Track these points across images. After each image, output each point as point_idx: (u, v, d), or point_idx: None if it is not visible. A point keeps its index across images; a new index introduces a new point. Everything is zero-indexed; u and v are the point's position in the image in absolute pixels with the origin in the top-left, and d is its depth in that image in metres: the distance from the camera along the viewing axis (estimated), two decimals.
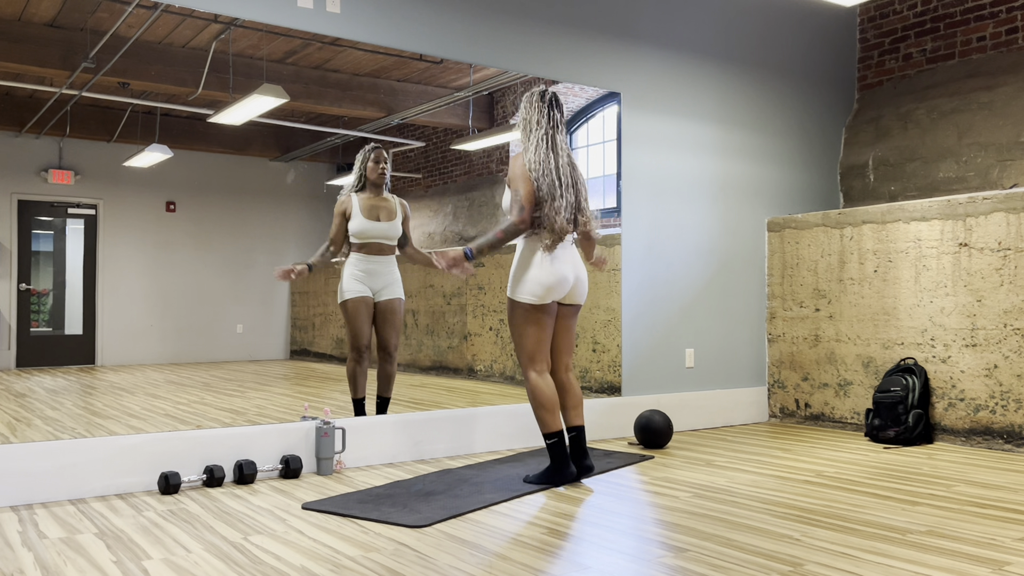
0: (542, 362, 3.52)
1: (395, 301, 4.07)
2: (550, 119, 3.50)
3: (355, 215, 3.95)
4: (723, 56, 5.31)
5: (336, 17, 3.96)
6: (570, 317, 3.64)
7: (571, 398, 3.65)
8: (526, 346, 3.50)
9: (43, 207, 3.43)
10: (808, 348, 5.24)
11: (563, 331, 3.64)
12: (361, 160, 4.02)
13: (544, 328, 3.51)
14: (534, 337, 3.49)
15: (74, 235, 3.49)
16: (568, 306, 3.62)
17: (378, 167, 4.01)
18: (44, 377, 3.44)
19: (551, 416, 3.46)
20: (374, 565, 2.41)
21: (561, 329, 3.63)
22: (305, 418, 3.83)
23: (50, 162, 3.40)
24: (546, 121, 3.50)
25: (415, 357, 4.25)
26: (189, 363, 3.70)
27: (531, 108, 3.53)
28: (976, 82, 5.29)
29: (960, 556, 2.49)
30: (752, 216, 5.44)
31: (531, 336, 3.49)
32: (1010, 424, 4.31)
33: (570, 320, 3.65)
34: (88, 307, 3.51)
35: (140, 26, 3.48)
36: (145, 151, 3.56)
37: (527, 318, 3.49)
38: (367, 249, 3.98)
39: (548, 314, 3.52)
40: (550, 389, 3.49)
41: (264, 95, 3.77)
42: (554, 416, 3.46)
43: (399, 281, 4.08)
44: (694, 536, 2.71)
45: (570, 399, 3.65)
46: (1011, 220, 4.32)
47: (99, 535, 2.73)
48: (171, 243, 3.66)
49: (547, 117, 3.50)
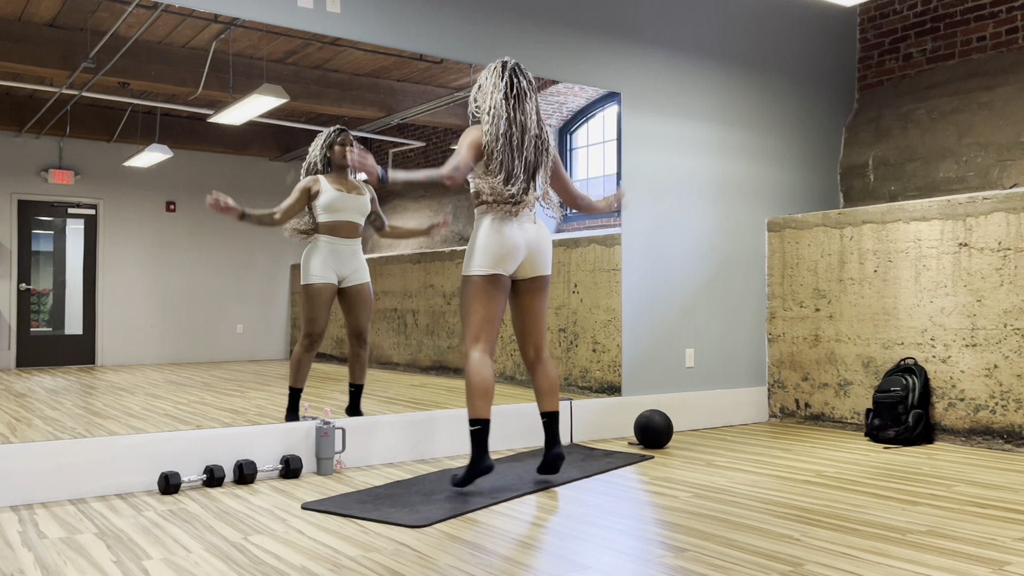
0: (486, 342, 3.32)
1: (365, 286, 3.97)
2: (510, 85, 3.35)
3: (324, 190, 3.82)
4: (723, 56, 5.31)
5: (336, 17, 3.96)
6: (534, 294, 3.46)
7: (546, 382, 3.50)
8: (470, 323, 3.32)
9: (43, 207, 3.43)
10: (808, 348, 5.24)
11: (529, 310, 3.47)
12: (325, 142, 3.87)
13: (493, 304, 3.32)
14: (479, 313, 3.31)
15: (74, 235, 3.49)
16: (528, 281, 3.45)
17: (343, 150, 3.88)
18: (44, 377, 3.44)
19: (479, 402, 3.24)
20: (374, 565, 2.41)
21: (526, 308, 3.47)
22: (305, 418, 3.83)
23: (50, 162, 3.40)
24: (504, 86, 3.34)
25: (415, 357, 4.25)
26: (189, 363, 3.70)
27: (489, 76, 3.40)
28: (976, 82, 5.29)
29: (960, 556, 2.49)
30: (752, 216, 5.44)
31: (476, 312, 3.31)
32: (1010, 424, 4.31)
33: (535, 297, 3.46)
34: (88, 307, 3.51)
35: (140, 26, 3.48)
36: (145, 151, 3.56)
37: (475, 292, 3.32)
38: (337, 231, 3.86)
39: (498, 288, 3.33)
40: (484, 373, 3.27)
41: (264, 95, 3.77)
42: (482, 403, 3.24)
43: (366, 266, 3.99)
44: (694, 536, 2.71)
45: (545, 383, 3.50)
46: (1011, 220, 4.32)
47: (99, 535, 2.73)
48: (171, 243, 3.66)
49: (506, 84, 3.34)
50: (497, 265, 3.32)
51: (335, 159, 3.89)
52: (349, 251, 3.92)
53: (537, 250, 3.41)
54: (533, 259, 3.42)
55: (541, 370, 3.53)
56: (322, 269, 3.86)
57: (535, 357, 3.54)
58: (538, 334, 3.52)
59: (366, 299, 3.99)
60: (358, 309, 3.98)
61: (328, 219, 3.86)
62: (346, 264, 3.91)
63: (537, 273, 3.46)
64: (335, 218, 3.87)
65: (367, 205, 3.96)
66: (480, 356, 3.30)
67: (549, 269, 3.49)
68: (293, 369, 3.84)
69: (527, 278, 3.47)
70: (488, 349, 3.32)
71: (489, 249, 3.31)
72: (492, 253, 3.31)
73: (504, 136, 3.31)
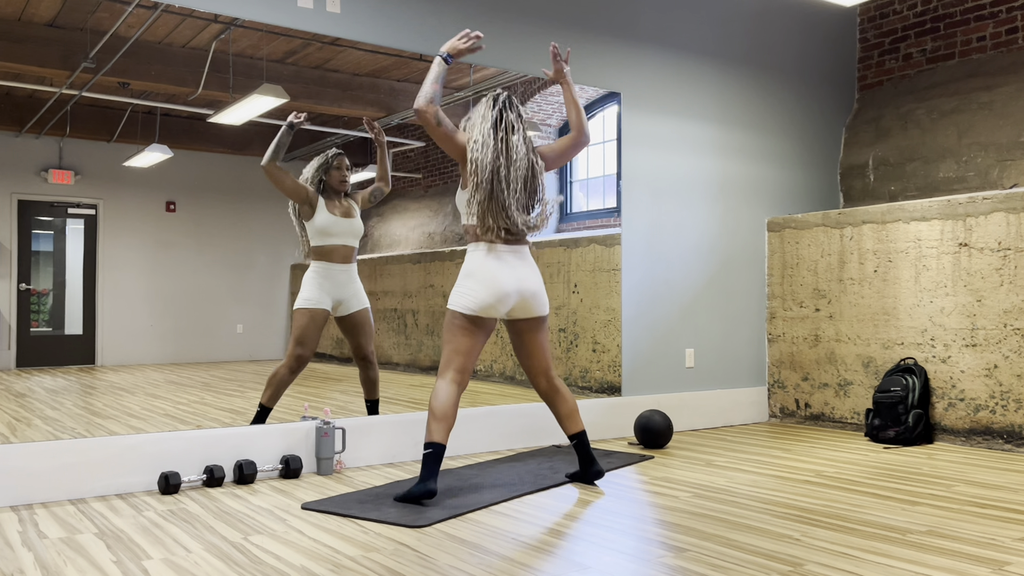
0: (457, 372, 3.27)
1: (364, 311, 3.97)
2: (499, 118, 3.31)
3: (320, 210, 3.82)
4: (723, 56, 5.31)
5: (336, 17, 3.96)
6: (532, 332, 3.44)
7: (565, 405, 3.49)
8: (445, 352, 3.30)
9: (43, 207, 3.43)
10: (808, 348, 5.24)
11: (532, 347, 3.45)
12: (321, 165, 3.87)
13: (472, 340, 3.30)
14: (458, 347, 3.29)
15: (74, 235, 3.49)
16: (524, 321, 3.43)
17: (340, 174, 3.89)
18: (44, 377, 3.44)
19: (437, 425, 3.18)
20: (374, 565, 2.41)
21: (528, 345, 3.45)
22: (305, 418, 3.83)
23: (50, 162, 3.40)
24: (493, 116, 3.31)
25: (415, 357, 4.25)
26: (189, 363, 3.70)
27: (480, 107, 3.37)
28: (976, 82, 5.29)
29: (960, 556, 2.49)
30: (752, 216, 5.44)
31: (456, 345, 3.28)
32: (1010, 424, 4.31)
33: (534, 335, 3.44)
34: (88, 307, 3.51)
35: (140, 26, 3.48)
36: (145, 151, 3.56)
37: (456, 326, 3.28)
38: (331, 256, 3.86)
39: (480, 327, 3.31)
40: (445, 400, 3.22)
41: (264, 95, 3.77)
42: (437, 427, 3.19)
43: (363, 291, 3.98)
44: (694, 536, 2.71)
45: (564, 407, 3.49)
46: (1011, 220, 4.32)
47: (99, 535, 2.73)
48: (171, 243, 3.66)
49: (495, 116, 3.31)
50: (483, 311, 3.28)
51: (330, 183, 3.88)
52: (345, 276, 3.91)
53: (529, 295, 3.35)
54: (526, 303, 3.37)
55: (558, 397, 3.50)
56: (317, 294, 3.85)
57: (548, 386, 3.50)
58: (545, 363, 3.48)
59: (366, 325, 4.00)
60: (359, 335, 3.99)
61: (321, 243, 3.86)
62: (342, 289, 3.90)
63: (532, 315, 3.41)
64: (329, 242, 3.87)
65: (360, 228, 3.96)
66: (445, 384, 3.26)
67: (546, 309, 3.43)
68: (271, 387, 3.77)
69: (522, 319, 3.42)
70: (457, 379, 3.28)
71: (476, 295, 3.26)
72: (479, 299, 3.26)
73: (491, 165, 3.26)
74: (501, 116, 3.34)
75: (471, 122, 3.39)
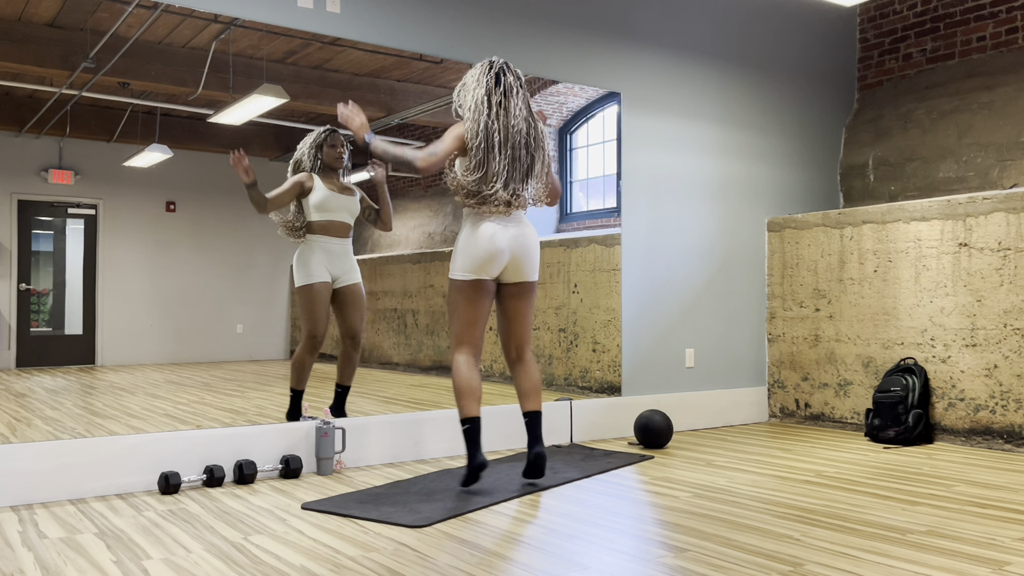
0: (470, 345, 3.32)
1: (357, 286, 3.95)
2: (495, 82, 3.28)
3: (317, 188, 3.80)
4: (723, 56, 5.31)
5: (336, 17, 3.96)
6: (519, 298, 3.41)
7: (527, 382, 3.45)
8: (454, 326, 3.32)
9: (43, 207, 3.43)
10: (808, 348, 5.24)
11: (514, 313, 3.42)
12: (314, 143, 3.84)
13: (476, 308, 3.30)
14: (463, 317, 3.30)
15: (74, 235, 3.49)
16: (512, 285, 3.40)
17: (335, 151, 3.87)
18: (44, 377, 3.44)
19: (465, 402, 3.25)
20: (374, 565, 2.41)
21: (510, 311, 3.43)
22: (305, 418, 3.83)
23: (50, 162, 3.40)
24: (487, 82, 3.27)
25: (415, 357, 4.25)
26: (189, 363, 3.70)
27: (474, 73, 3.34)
28: (976, 82, 5.29)
29: (960, 556, 2.49)
30: (752, 216, 5.44)
31: (461, 315, 3.31)
32: (1010, 424, 4.31)
33: (520, 301, 3.42)
34: (88, 307, 3.51)
35: (140, 26, 3.48)
36: (145, 151, 3.56)
37: (458, 296, 3.31)
38: (329, 231, 3.85)
39: (481, 292, 3.30)
40: (469, 374, 3.27)
41: (264, 95, 3.77)
42: (468, 402, 3.25)
43: (357, 266, 3.97)
44: (694, 536, 2.71)
45: (527, 383, 3.45)
46: (1011, 220, 4.32)
47: (99, 535, 2.73)
48: (171, 243, 3.66)
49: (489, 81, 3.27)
50: (479, 271, 3.28)
51: (326, 160, 3.87)
52: (342, 251, 3.90)
53: (521, 254, 3.34)
54: (517, 263, 3.35)
55: (523, 370, 3.48)
56: (318, 269, 3.84)
57: (516, 357, 3.49)
58: (521, 336, 3.46)
59: (359, 299, 3.97)
60: (351, 310, 3.96)
61: (320, 218, 3.85)
62: (339, 264, 3.90)
63: (522, 279, 3.39)
64: (327, 217, 3.86)
65: (357, 206, 3.94)
66: (464, 359, 3.30)
67: (535, 275, 3.42)
68: (296, 371, 3.82)
69: (511, 283, 3.41)
70: (472, 352, 3.31)
71: (470, 253, 3.27)
72: (473, 257, 3.27)
73: (484, 132, 3.23)
74: (497, 80, 3.30)
75: (465, 87, 3.35)
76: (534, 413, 3.43)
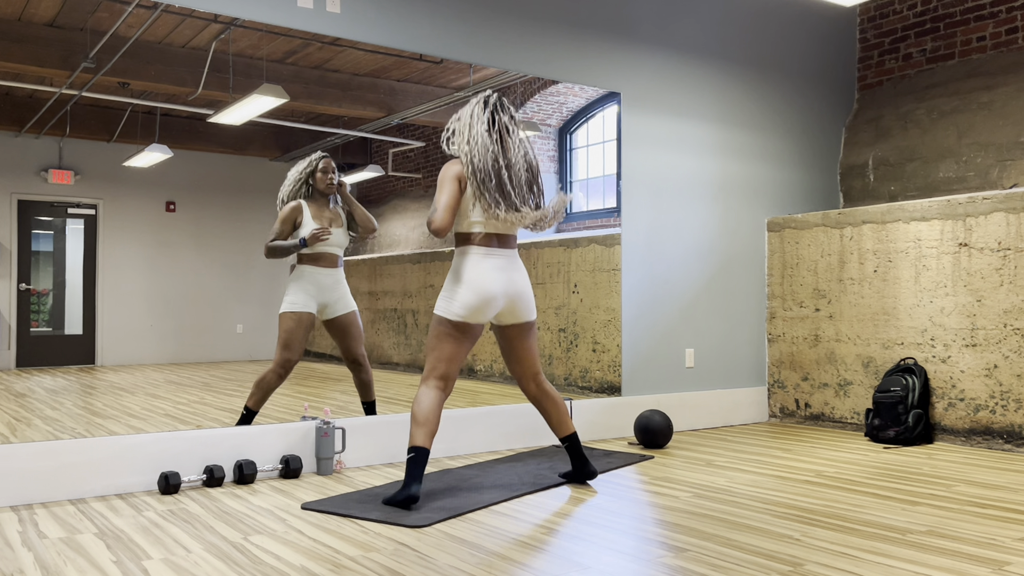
0: (441, 380, 3.25)
1: (351, 314, 3.95)
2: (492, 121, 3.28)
3: (307, 222, 3.81)
4: (723, 56, 5.31)
5: (336, 17, 3.96)
6: (521, 337, 3.41)
7: (556, 409, 3.46)
8: (430, 358, 3.27)
9: (43, 207, 3.43)
10: (808, 348, 5.24)
11: (522, 352, 3.42)
12: (307, 168, 3.85)
13: (459, 347, 3.26)
14: (443, 353, 3.25)
15: (74, 235, 3.49)
16: (512, 327, 3.40)
17: (327, 177, 3.86)
18: (44, 377, 3.44)
19: (418, 430, 3.15)
20: (374, 565, 2.42)
21: (519, 350, 3.42)
22: (305, 418, 3.83)
23: (50, 162, 3.40)
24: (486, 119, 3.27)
25: (415, 357, 4.25)
26: (189, 363, 3.70)
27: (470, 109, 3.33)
28: (976, 82, 5.29)
29: (960, 556, 2.49)
30: (752, 216, 5.44)
31: (441, 352, 3.25)
32: (1010, 424, 4.31)
33: (523, 340, 3.41)
34: (88, 307, 3.51)
35: (140, 26, 3.48)
36: (145, 151, 3.56)
37: (442, 332, 3.25)
38: (319, 261, 3.85)
39: (468, 335, 3.28)
40: (428, 405, 3.19)
41: (264, 95, 3.77)
42: (419, 431, 3.15)
43: (350, 295, 3.97)
44: (694, 536, 2.71)
45: (555, 411, 3.46)
46: (1011, 220, 4.32)
47: (99, 535, 2.73)
48: (171, 243, 3.66)
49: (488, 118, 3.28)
50: (470, 316, 3.25)
51: (317, 187, 3.87)
52: (332, 280, 3.90)
53: (516, 297, 3.32)
54: (513, 307, 3.34)
55: (548, 401, 3.47)
56: (302, 298, 3.84)
57: (537, 390, 3.47)
58: (533, 368, 3.46)
59: (353, 327, 3.97)
60: (348, 338, 3.96)
61: (309, 251, 3.85)
62: (329, 293, 3.89)
63: (520, 320, 3.38)
64: (317, 250, 3.86)
65: (345, 239, 3.94)
66: (428, 390, 3.23)
67: (533, 315, 3.41)
68: (258, 390, 3.75)
69: (510, 324, 3.40)
70: (440, 386, 3.25)
71: (464, 299, 3.23)
72: (467, 304, 3.23)
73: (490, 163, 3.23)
74: (493, 119, 3.31)
75: (460, 123, 3.33)
76: (572, 436, 3.46)
